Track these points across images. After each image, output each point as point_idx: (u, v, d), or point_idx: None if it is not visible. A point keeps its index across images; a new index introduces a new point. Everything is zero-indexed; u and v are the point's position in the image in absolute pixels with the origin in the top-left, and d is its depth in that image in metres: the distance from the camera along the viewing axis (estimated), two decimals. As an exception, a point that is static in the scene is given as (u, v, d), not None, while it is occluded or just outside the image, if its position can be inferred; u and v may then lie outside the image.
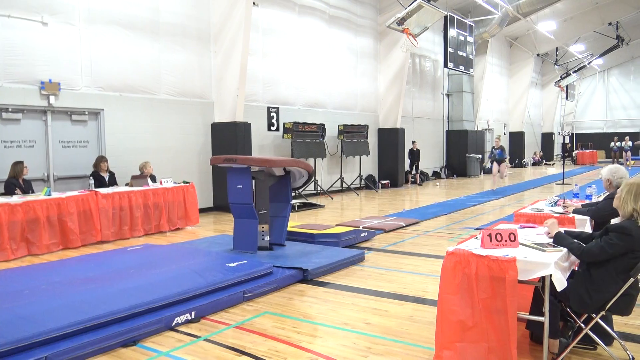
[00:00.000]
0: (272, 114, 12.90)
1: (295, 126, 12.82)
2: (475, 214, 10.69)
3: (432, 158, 20.46)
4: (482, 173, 21.97)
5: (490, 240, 3.37)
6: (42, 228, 7.13)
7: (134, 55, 9.79)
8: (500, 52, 25.78)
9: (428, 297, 4.95)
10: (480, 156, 21.55)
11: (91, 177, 8.75)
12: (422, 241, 7.82)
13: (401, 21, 12.61)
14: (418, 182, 17.92)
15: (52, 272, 5.42)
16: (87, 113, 9.23)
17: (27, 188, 7.85)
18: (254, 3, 11.29)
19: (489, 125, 24.73)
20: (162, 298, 4.36)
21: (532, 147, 30.30)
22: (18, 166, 7.78)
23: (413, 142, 17.97)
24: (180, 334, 4.10)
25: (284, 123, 12.87)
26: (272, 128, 12.93)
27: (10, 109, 8.18)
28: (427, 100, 20.06)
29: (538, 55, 27.43)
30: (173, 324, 4.22)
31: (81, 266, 5.72)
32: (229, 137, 11.08)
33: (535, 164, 29.29)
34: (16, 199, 7.10)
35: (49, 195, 7.42)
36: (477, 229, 8.39)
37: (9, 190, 7.61)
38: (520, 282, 3.12)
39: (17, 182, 7.74)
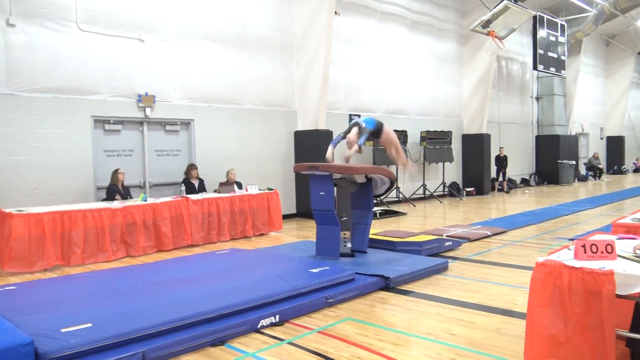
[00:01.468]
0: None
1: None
2: (569, 223, 10.10)
3: (520, 164, 19.60)
4: (576, 180, 20.73)
5: (585, 252, 3.18)
6: (139, 231, 7.63)
7: (221, 68, 10.24)
8: (595, 52, 24.23)
9: (517, 310, 4.74)
10: (574, 162, 20.32)
11: (182, 184, 9.25)
12: (509, 251, 7.51)
13: (486, 24, 12.26)
14: (505, 190, 17.23)
15: (147, 272, 5.78)
16: (179, 123, 9.78)
17: (125, 194, 8.43)
18: (335, 12, 11.44)
19: (583, 130, 23.30)
20: (248, 301, 4.51)
21: (633, 153, 28.08)
22: (116, 173, 8.41)
23: (500, 148, 17.31)
24: (265, 336, 4.22)
25: (365, 130, 12.85)
26: (353, 135, 12.94)
27: (111, 121, 8.84)
28: (514, 104, 19.27)
29: (639, 53, 25.48)
30: (258, 326, 4.35)
31: (173, 268, 6.05)
32: (311, 145, 11.27)
33: (637, 170, 27.16)
34: (116, 204, 7.66)
35: (145, 200, 7.93)
36: (570, 239, 7.92)
37: (110, 196, 8.22)
38: (618, 296, 2.92)
39: (117, 189, 8.34)
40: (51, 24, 8.08)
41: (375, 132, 6.69)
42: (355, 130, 6.50)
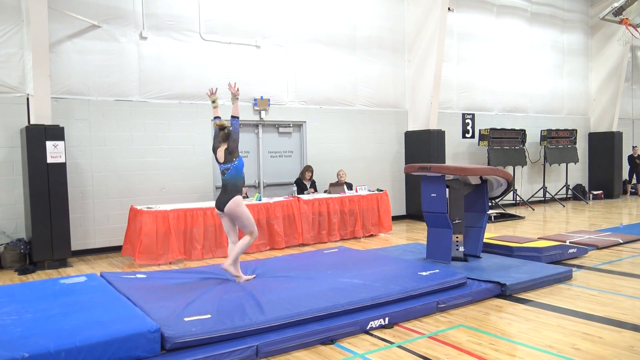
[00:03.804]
0: (467, 121, 12.51)
1: (492, 132, 12.24)
2: None
3: (658, 165, 17.65)
4: None
5: None
6: (253, 229, 7.95)
7: (332, 70, 10.39)
8: None
9: (654, 327, 4.27)
10: None
11: (294, 184, 9.50)
12: (645, 261, 6.79)
13: (618, 11, 11.22)
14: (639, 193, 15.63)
15: (260, 269, 5.99)
16: (291, 125, 10.07)
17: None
18: (449, 9, 11.11)
19: None
20: (357, 301, 4.51)
21: None
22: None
23: (634, 147, 15.73)
24: (375, 338, 4.19)
25: (479, 129, 12.37)
26: (467, 135, 12.53)
27: (230, 124, 9.32)
28: (651, 99, 17.42)
29: None
30: (368, 328, 4.33)
31: (285, 265, 6.21)
32: (422, 145, 11.05)
33: None
34: (234, 203, 8.04)
35: (259, 200, 8.26)
36: None
37: (228, 195, 8.66)
38: None
39: (234, 188, 8.76)
40: (177, 35, 8.71)
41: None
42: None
